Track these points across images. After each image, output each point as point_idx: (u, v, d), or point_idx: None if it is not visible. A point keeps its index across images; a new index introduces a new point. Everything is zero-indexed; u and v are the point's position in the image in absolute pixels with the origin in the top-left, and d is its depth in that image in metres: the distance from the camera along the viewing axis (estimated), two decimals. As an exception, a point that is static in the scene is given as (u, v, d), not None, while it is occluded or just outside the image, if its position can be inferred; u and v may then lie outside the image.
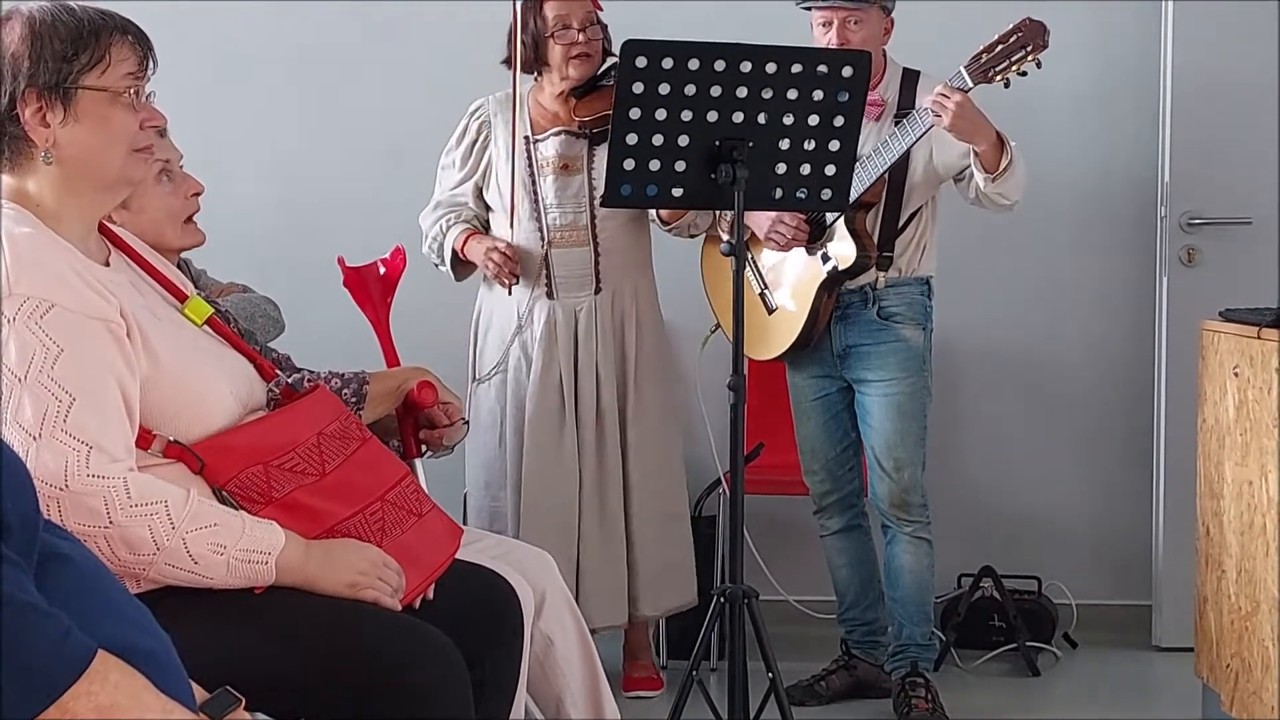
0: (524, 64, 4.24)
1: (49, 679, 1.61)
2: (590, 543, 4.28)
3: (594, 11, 4.23)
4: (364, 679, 2.32)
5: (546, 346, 4.28)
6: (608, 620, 4.30)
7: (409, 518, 2.59)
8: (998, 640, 4.81)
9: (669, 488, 4.42)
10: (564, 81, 4.22)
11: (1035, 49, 3.83)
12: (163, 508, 2.27)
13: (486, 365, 4.37)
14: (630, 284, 4.34)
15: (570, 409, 4.28)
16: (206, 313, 2.58)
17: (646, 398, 4.35)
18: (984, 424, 5.14)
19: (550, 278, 4.28)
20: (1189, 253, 4.86)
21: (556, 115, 4.27)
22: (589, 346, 4.29)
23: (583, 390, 4.28)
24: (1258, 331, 3.65)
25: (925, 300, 4.26)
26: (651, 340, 4.38)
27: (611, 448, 4.30)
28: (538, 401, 4.27)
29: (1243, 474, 3.73)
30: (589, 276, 4.29)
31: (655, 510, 4.36)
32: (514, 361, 4.32)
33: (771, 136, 3.33)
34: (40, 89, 2.33)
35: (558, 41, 4.17)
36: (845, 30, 4.07)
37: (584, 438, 4.28)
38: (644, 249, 4.41)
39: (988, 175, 3.96)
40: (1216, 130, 4.80)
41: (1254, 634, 3.68)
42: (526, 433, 4.27)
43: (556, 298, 4.29)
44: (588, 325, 4.29)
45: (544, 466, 4.26)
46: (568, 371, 4.28)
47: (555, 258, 4.27)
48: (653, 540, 4.36)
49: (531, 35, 4.20)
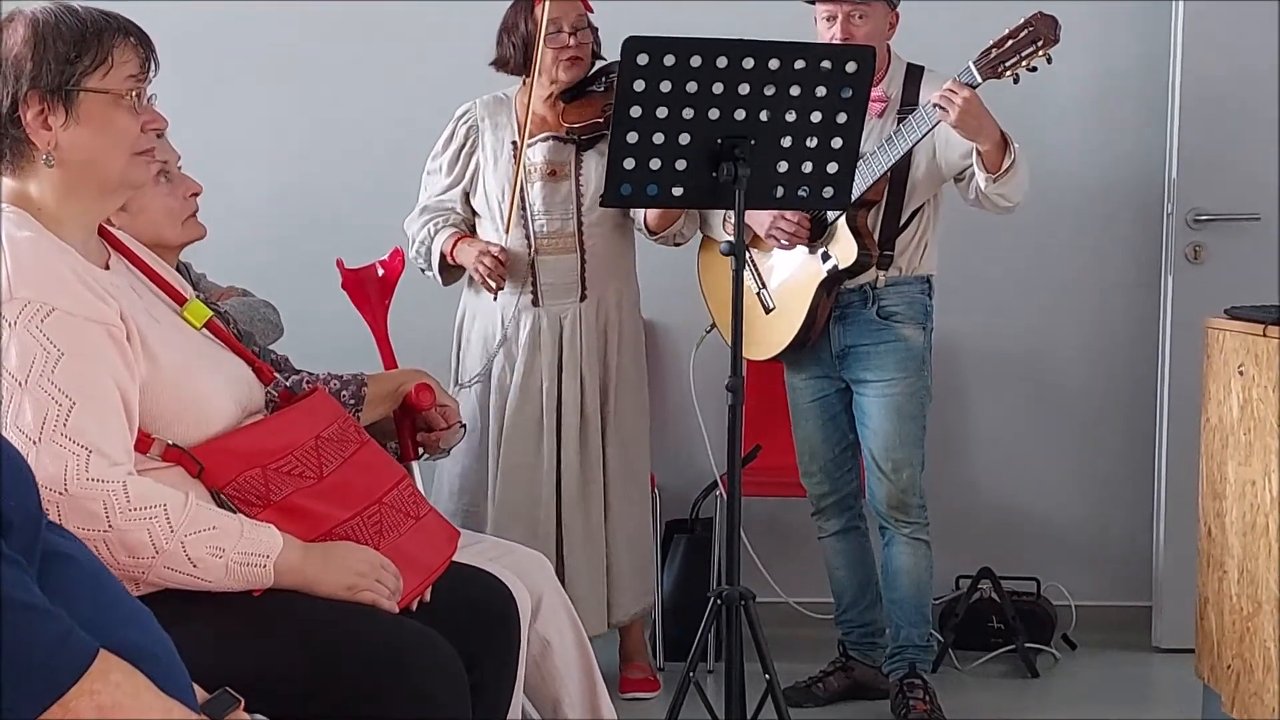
0: (513, 67, 4.23)
1: (51, 678, 1.61)
2: (575, 550, 4.27)
3: (585, 14, 4.21)
4: (362, 681, 2.32)
5: (530, 354, 4.25)
6: (591, 629, 4.28)
7: (407, 520, 2.60)
8: (996, 641, 4.80)
9: (640, 493, 4.43)
10: (553, 85, 4.19)
11: (1046, 44, 3.80)
12: (161, 511, 2.27)
13: (469, 371, 4.34)
14: (615, 291, 4.32)
15: (551, 417, 4.25)
16: (205, 316, 2.58)
17: (624, 404, 4.34)
18: (983, 423, 5.13)
19: (536, 285, 4.25)
20: (1195, 250, 4.84)
21: (544, 120, 4.24)
22: (573, 354, 4.27)
23: (566, 397, 4.26)
24: (1263, 329, 3.64)
25: (926, 299, 4.24)
26: (631, 347, 4.37)
27: (594, 454, 4.29)
28: (517, 409, 4.25)
29: (1246, 474, 3.72)
30: (575, 284, 4.26)
31: (630, 516, 4.37)
32: (498, 369, 4.29)
33: (774, 134, 3.31)
34: (42, 91, 2.33)
35: (548, 45, 4.14)
36: (850, 24, 4.05)
37: (566, 445, 4.26)
38: (629, 256, 4.39)
39: (989, 175, 3.94)
40: (1224, 126, 4.79)
41: (1255, 635, 3.67)
42: (504, 440, 4.26)
43: (542, 305, 4.26)
44: (572, 332, 4.27)
45: (522, 475, 4.24)
46: (550, 379, 4.25)
47: (541, 264, 4.24)
48: (626, 546, 4.36)
49: (521, 38, 4.18)
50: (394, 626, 2.42)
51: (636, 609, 4.42)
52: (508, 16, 4.23)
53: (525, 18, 4.17)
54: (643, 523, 4.44)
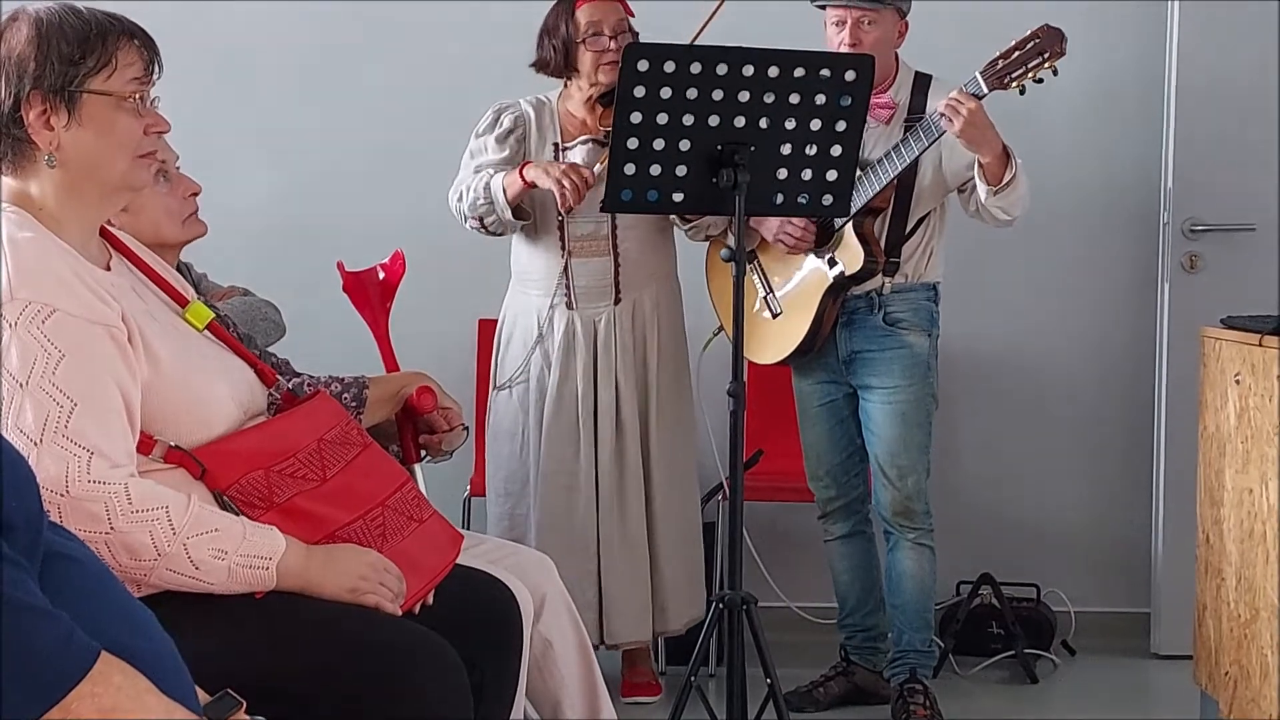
0: (554, 69, 4.22)
1: (51, 681, 1.60)
2: (612, 557, 4.26)
3: (626, 19, 4.20)
4: (364, 683, 2.33)
5: (564, 358, 4.25)
6: (633, 635, 4.30)
7: (409, 523, 2.60)
8: (996, 647, 4.81)
9: (687, 500, 4.41)
10: (593, 87, 4.19)
11: (1053, 56, 3.82)
12: (164, 513, 2.27)
13: (507, 372, 4.34)
14: (651, 294, 4.31)
15: (589, 422, 4.24)
16: (207, 317, 2.57)
17: (667, 409, 4.32)
18: (983, 430, 5.14)
19: (570, 288, 4.26)
20: (1191, 259, 4.85)
21: (585, 123, 4.24)
22: (608, 358, 4.26)
23: (602, 402, 4.25)
24: (1259, 339, 3.65)
25: (931, 306, 4.25)
26: (671, 351, 4.35)
27: (632, 460, 4.27)
28: (554, 415, 4.24)
29: (1243, 481, 3.72)
30: (609, 287, 4.26)
31: (675, 523, 4.35)
32: (536, 371, 4.29)
33: (773, 141, 3.32)
34: (45, 91, 2.32)
35: (589, 48, 4.14)
36: (858, 30, 4.06)
37: (602, 450, 4.25)
38: (667, 258, 4.37)
39: (990, 188, 3.96)
40: (1220, 136, 4.80)
41: (1253, 641, 3.68)
42: (543, 445, 4.25)
43: (576, 308, 4.26)
44: (607, 336, 4.26)
45: (560, 480, 4.23)
46: (586, 384, 4.24)
47: (575, 268, 4.24)
48: (674, 554, 4.34)
49: (562, 40, 4.17)
50: (396, 629, 2.42)
51: (687, 617, 4.39)
52: (548, 19, 4.22)
53: (566, 20, 4.16)
54: (691, 531, 4.41)
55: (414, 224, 4.80)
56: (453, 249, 4.73)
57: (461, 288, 4.71)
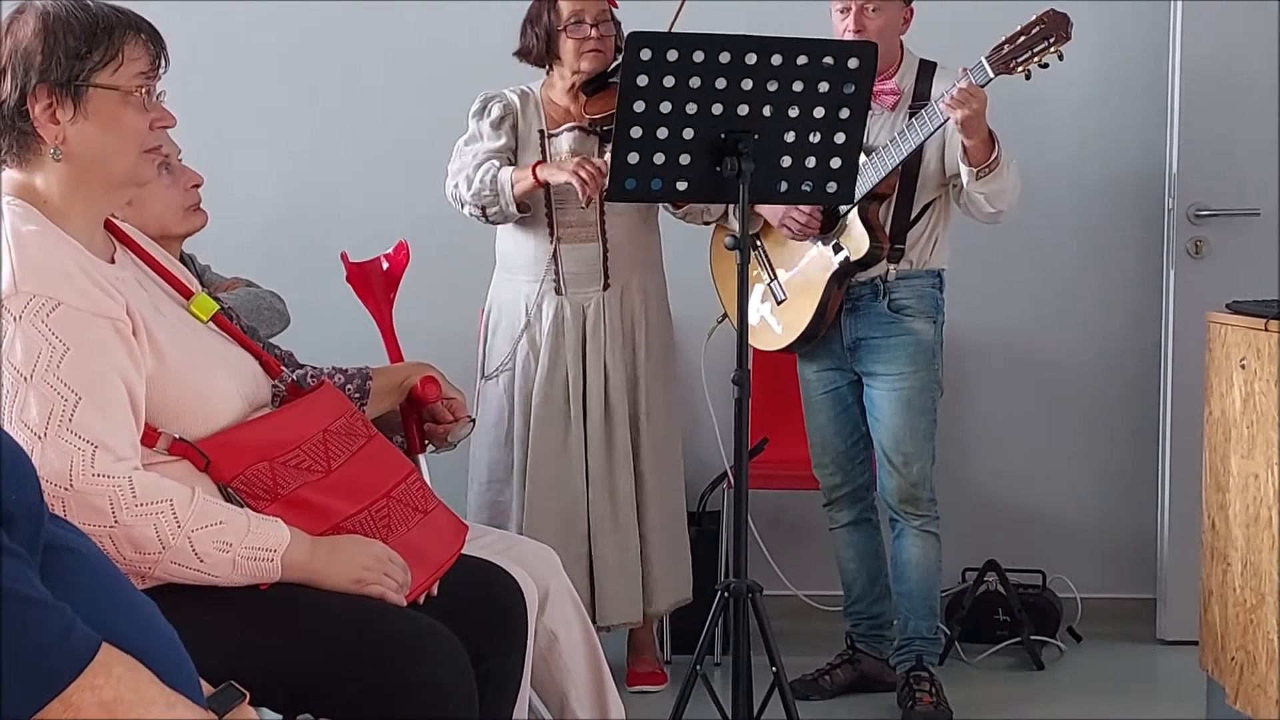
0: (535, 57, 4.24)
1: (52, 673, 1.60)
2: (603, 541, 4.27)
3: (608, 8, 4.22)
4: (369, 674, 2.33)
5: (554, 344, 4.26)
6: (623, 618, 4.30)
7: (414, 514, 2.60)
8: (1002, 634, 4.81)
9: (674, 484, 4.43)
10: (575, 75, 4.21)
11: (1058, 40, 3.82)
12: (168, 506, 2.27)
13: (494, 361, 4.35)
14: (639, 281, 4.32)
15: (578, 406, 4.26)
16: (212, 309, 2.57)
17: (655, 396, 4.33)
18: (988, 417, 5.14)
19: (559, 273, 4.27)
20: (1196, 244, 4.85)
21: (568, 111, 4.26)
22: (597, 343, 4.27)
23: (590, 387, 4.27)
24: (1265, 324, 3.64)
25: (936, 293, 4.25)
26: (659, 339, 4.36)
27: (621, 444, 4.28)
28: (544, 399, 4.26)
29: (1249, 467, 3.72)
30: (597, 273, 4.27)
31: (663, 507, 4.36)
32: (522, 358, 4.30)
33: (777, 129, 3.31)
34: (51, 85, 2.32)
35: (570, 36, 4.17)
36: (863, 17, 4.06)
37: (591, 435, 4.26)
38: (653, 246, 4.39)
39: (971, 169, 3.95)
40: (1224, 122, 4.79)
41: (1259, 627, 3.68)
42: (532, 430, 4.26)
43: (565, 294, 4.27)
44: (596, 321, 4.27)
45: (550, 464, 4.25)
46: (575, 369, 4.26)
47: (564, 253, 4.26)
48: (661, 537, 4.36)
49: (544, 29, 4.20)
50: (402, 620, 2.42)
51: (672, 601, 4.41)
52: (532, 8, 4.25)
53: (549, 9, 4.19)
54: (677, 517, 4.43)
55: (418, 214, 4.79)
56: (456, 239, 4.73)
57: (465, 278, 4.70)
